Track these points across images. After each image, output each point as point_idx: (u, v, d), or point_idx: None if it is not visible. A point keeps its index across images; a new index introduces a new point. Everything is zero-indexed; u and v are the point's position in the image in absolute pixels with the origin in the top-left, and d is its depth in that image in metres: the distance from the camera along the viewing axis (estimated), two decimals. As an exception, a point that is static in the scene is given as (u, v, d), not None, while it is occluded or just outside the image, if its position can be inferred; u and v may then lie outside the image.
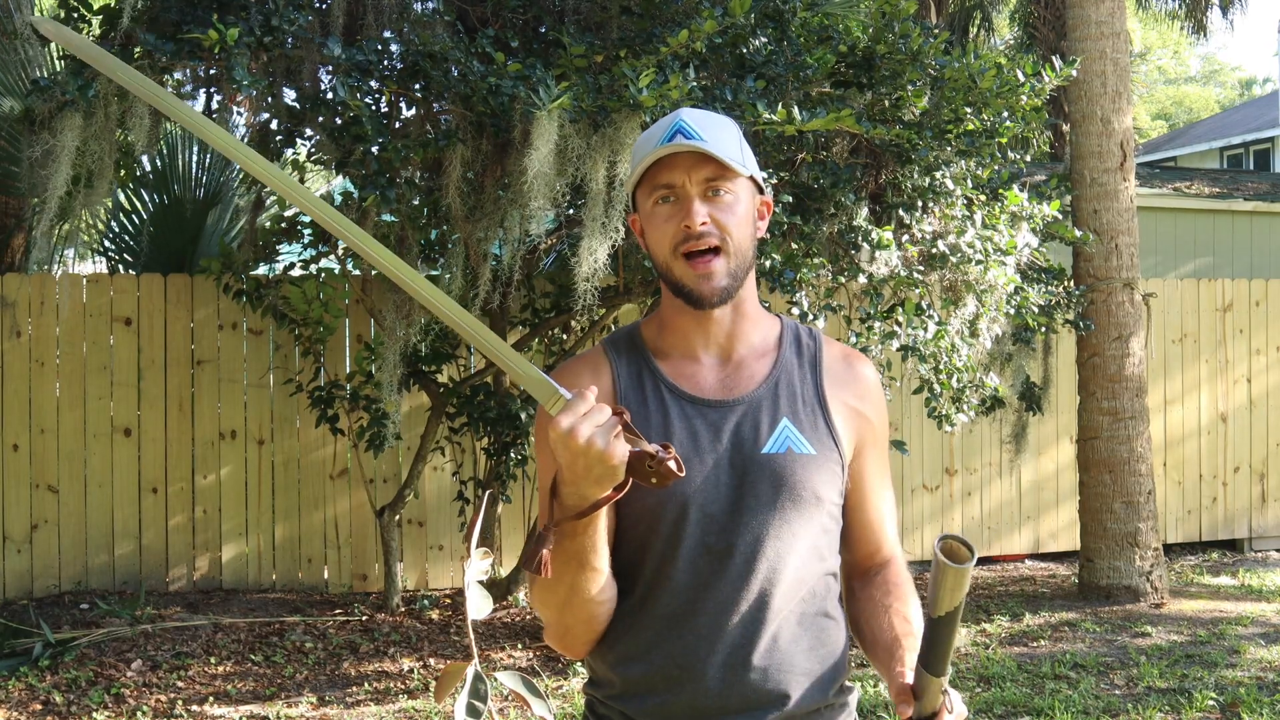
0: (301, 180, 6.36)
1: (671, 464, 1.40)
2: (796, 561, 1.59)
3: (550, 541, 1.44)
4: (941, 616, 1.41)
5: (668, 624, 1.58)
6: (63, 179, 4.27)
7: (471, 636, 1.46)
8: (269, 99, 4.95)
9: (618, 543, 1.62)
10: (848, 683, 1.69)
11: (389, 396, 5.41)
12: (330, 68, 4.83)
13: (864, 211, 5.19)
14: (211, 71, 4.74)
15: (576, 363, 1.70)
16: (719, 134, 1.61)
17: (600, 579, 1.53)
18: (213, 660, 5.31)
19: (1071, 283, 6.52)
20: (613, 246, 4.43)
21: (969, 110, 5.30)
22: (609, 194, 4.33)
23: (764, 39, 4.98)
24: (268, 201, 6.73)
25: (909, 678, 1.49)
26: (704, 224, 1.58)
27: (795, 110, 4.44)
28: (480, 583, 1.48)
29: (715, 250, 1.59)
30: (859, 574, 1.72)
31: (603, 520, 1.48)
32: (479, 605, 1.44)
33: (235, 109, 5.50)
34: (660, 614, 1.59)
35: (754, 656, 1.57)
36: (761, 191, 1.69)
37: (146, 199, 7.53)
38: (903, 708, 1.48)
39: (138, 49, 4.41)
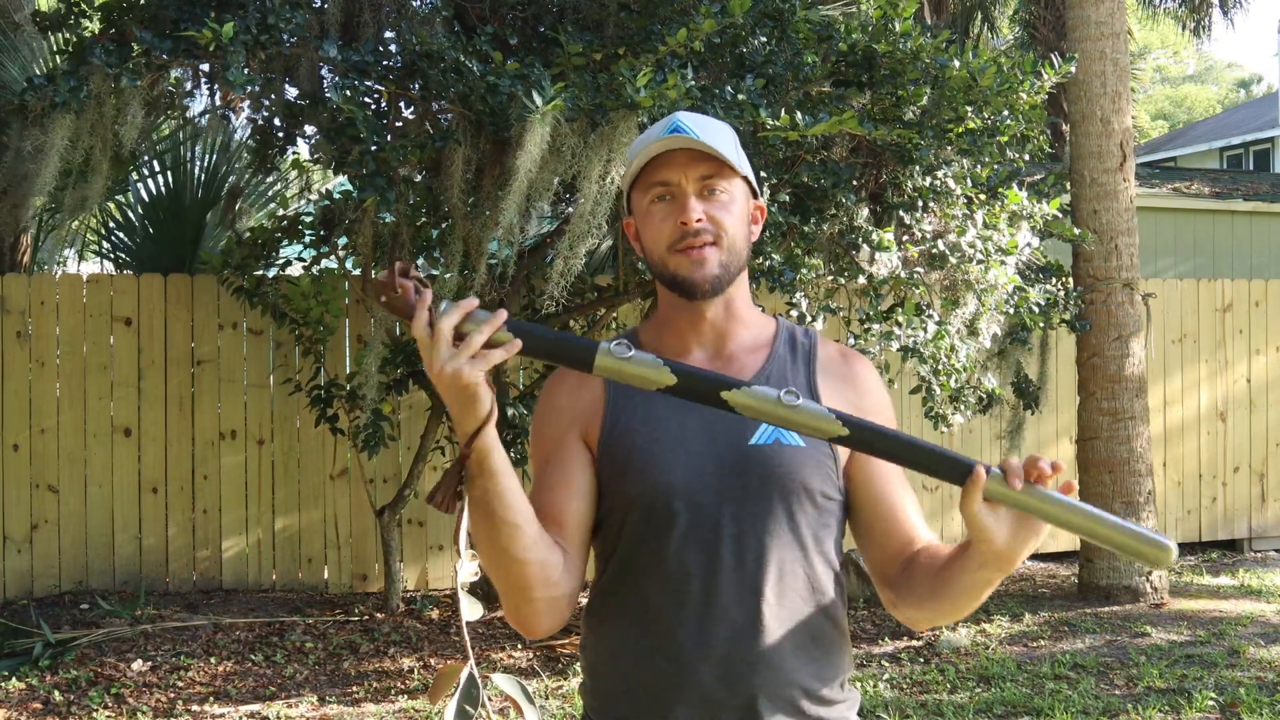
0: (306, 182, 6.34)
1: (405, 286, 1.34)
2: (788, 554, 1.58)
3: (455, 481, 1.39)
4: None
5: (655, 617, 1.57)
6: (51, 175, 4.23)
7: (466, 639, 1.46)
8: (269, 97, 4.93)
9: (605, 531, 1.62)
10: (848, 685, 1.67)
11: (370, 396, 5.41)
12: (330, 67, 4.82)
13: (864, 212, 5.18)
14: (213, 69, 4.73)
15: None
16: (716, 134, 1.61)
17: (518, 535, 1.44)
18: (213, 660, 5.31)
19: (1070, 279, 6.52)
20: (597, 247, 4.43)
21: (969, 109, 5.29)
22: (600, 193, 4.31)
23: (763, 38, 4.97)
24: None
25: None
26: (700, 221, 1.58)
27: (798, 115, 4.43)
28: (474, 584, 1.48)
29: (710, 244, 1.59)
30: (901, 566, 1.59)
31: (500, 465, 1.40)
32: (470, 608, 1.43)
33: (232, 107, 5.50)
34: (649, 605, 1.58)
35: (744, 651, 1.55)
36: (755, 196, 1.70)
37: (146, 198, 7.52)
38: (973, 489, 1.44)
39: (136, 47, 4.40)
